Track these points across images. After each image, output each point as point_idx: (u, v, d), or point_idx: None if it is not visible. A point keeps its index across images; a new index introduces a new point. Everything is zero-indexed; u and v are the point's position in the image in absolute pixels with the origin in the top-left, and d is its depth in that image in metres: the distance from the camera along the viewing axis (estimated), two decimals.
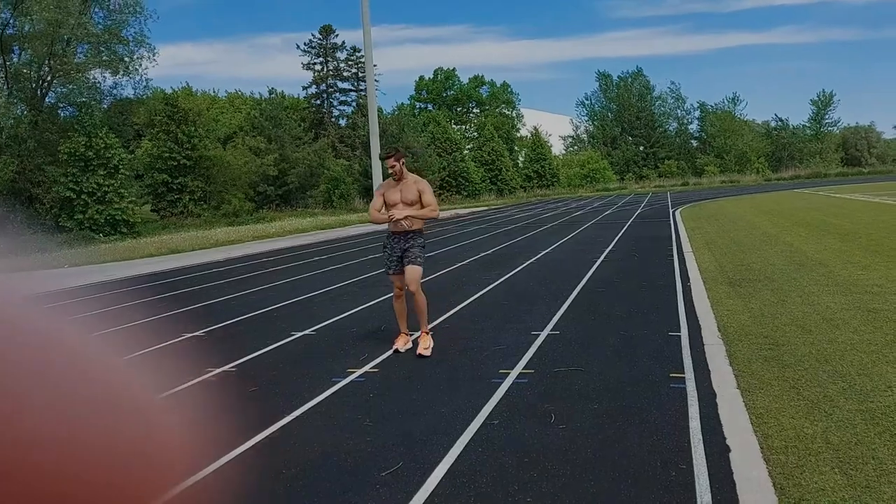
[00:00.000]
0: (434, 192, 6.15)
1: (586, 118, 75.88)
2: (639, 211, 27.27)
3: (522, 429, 3.93)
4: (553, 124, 73.65)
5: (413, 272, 5.77)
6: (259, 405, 4.64)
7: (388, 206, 5.82)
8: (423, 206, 5.88)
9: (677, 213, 24.34)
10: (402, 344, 5.98)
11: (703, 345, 5.57)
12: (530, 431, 3.88)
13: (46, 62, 28.04)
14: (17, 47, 28.87)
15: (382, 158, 5.80)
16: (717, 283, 8.48)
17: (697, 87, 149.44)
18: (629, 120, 71.66)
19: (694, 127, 74.07)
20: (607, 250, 13.25)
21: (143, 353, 6.49)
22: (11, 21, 28.49)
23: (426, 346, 5.77)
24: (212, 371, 5.61)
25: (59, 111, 30.42)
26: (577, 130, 76.14)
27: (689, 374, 4.78)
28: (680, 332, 6.09)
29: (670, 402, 4.23)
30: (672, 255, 11.75)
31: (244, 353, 6.17)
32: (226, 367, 5.71)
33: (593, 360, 5.35)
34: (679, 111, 73.84)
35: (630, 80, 73.84)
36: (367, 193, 41.58)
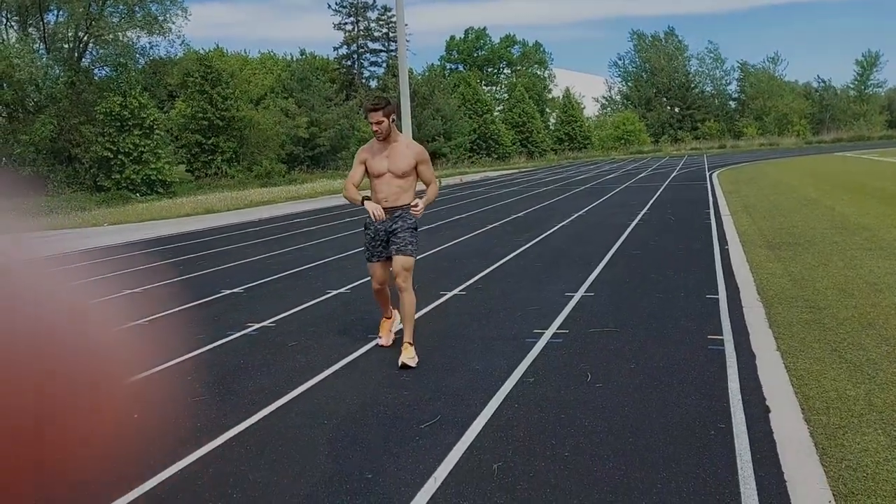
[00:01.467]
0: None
1: (620, 79, 74.37)
2: (674, 174, 26.82)
3: (558, 387, 3.95)
4: (586, 85, 72.30)
5: (403, 262, 4.52)
6: (298, 358, 4.73)
7: (371, 177, 4.60)
8: (421, 182, 4.70)
9: (714, 176, 23.89)
10: (385, 333, 4.99)
11: (741, 307, 5.51)
12: (566, 389, 3.90)
13: (83, 22, 28.24)
14: (54, 8, 29.10)
15: (367, 111, 4.49)
16: (756, 247, 8.35)
17: (735, 47, 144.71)
18: (663, 81, 70.04)
19: (732, 88, 72.20)
20: (642, 213, 13.09)
21: (186, 308, 6.64)
22: None
23: (411, 355, 4.48)
24: (252, 326, 5.71)
25: (96, 72, 30.72)
26: (610, 91, 74.71)
27: (728, 336, 4.74)
28: (718, 294, 6.02)
29: (709, 364, 4.20)
30: (709, 219, 11.57)
31: (282, 309, 6.27)
32: (265, 322, 5.81)
33: (629, 321, 5.32)
34: (718, 72, 71.91)
35: (662, 39, 71.93)
36: None
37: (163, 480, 3.02)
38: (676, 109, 70.03)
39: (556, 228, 11.41)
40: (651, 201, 15.62)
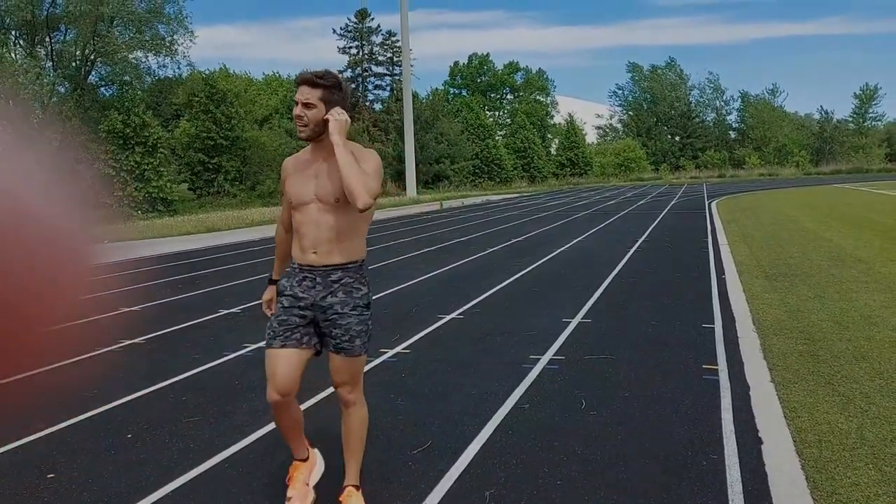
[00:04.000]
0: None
1: (620, 107, 74.98)
2: (673, 202, 26.94)
3: (553, 413, 3.95)
4: (587, 112, 72.93)
5: (350, 365, 2.79)
6: None
7: (292, 210, 2.79)
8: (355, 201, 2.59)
9: (713, 205, 24.00)
10: (299, 487, 2.94)
11: (737, 337, 5.53)
12: (561, 416, 3.90)
13: (91, 42, 28.54)
14: (62, 26, 29.44)
15: (296, 83, 2.72)
16: (753, 277, 8.37)
17: (735, 77, 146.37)
18: (664, 110, 70.59)
19: (733, 118, 72.75)
20: (640, 240, 13.14)
21: (184, 327, 6.65)
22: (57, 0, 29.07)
23: None
24: (248, 346, 5.72)
25: (102, 90, 30.99)
26: (611, 119, 75.31)
27: (723, 366, 4.75)
28: (714, 324, 6.04)
29: (702, 393, 4.21)
30: (707, 248, 11.61)
31: None
32: (261, 344, 5.82)
33: (625, 349, 5.34)
34: (718, 102, 72.52)
35: (662, 70, 72.64)
36: (401, 178, 41.72)
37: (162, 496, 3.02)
38: (677, 138, 70.54)
39: (555, 253, 11.44)
40: (650, 229, 15.68)
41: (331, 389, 3.85)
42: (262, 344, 5.78)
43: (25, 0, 27.14)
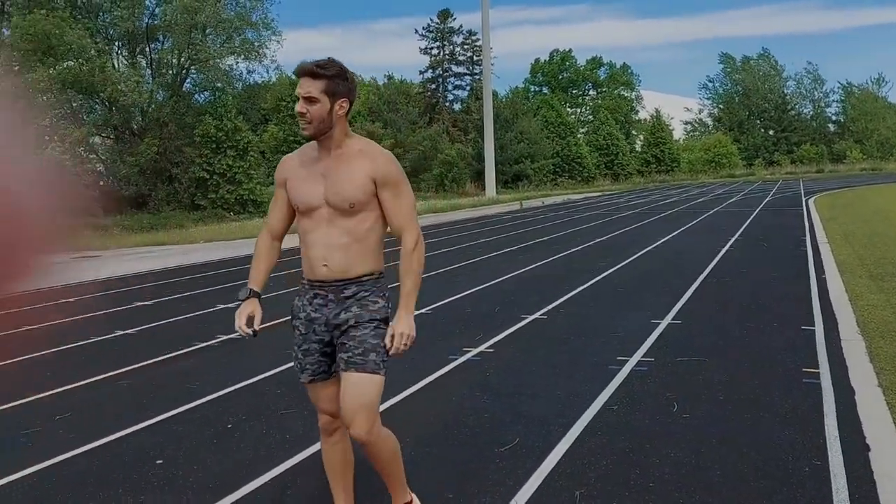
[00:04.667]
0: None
1: (710, 101, 72.40)
2: (768, 198, 25.82)
3: (643, 416, 3.87)
4: (674, 107, 70.84)
5: (359, 391, 2.36)
6: None
7: (297, 216, 2.48)
8: (389, 224, 2.46)
9: (811, 201, 22.85)
10: None
11: (839, 340, 5.25)
12: (652, 419, 3.81)
13: (186, 50, 29.94)
14: (161, 36, 31.01)
15: (296, 75, 2.36)
16: (857, 277, 7.93)
17: (834, 68, 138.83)
18: (757, 103, 67.68)
19: (832, 110, 68.99)
20: (733, 239, 12.67)
21: (275, 323, 6.88)
22: (156, 10, 30.66)
23: None
24: None
25: (196, 96, 32.46)
26: (700, 113, 72.84)
27: (825, 370, 4.53)
28: (814, 326, 5.75)
29: (803, 397, 4.02)
30: (805, 246, 11.08)
31: None
32: None
33: (718, 351, 5.16)
34: (816, 93, 68.93)
35: (756, 61, 69.62)
36: (480, 178, 41.76)
37: (255, 488, 3.15)
38: (771, 132, 67.50)
39: (641, 253, 11.18)
40: (743, 227, 15.09)
41: (406, 396, 3.87)
42: None
43: (128, 12, 28.74)
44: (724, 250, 11.05)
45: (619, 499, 2.89)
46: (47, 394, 4.75)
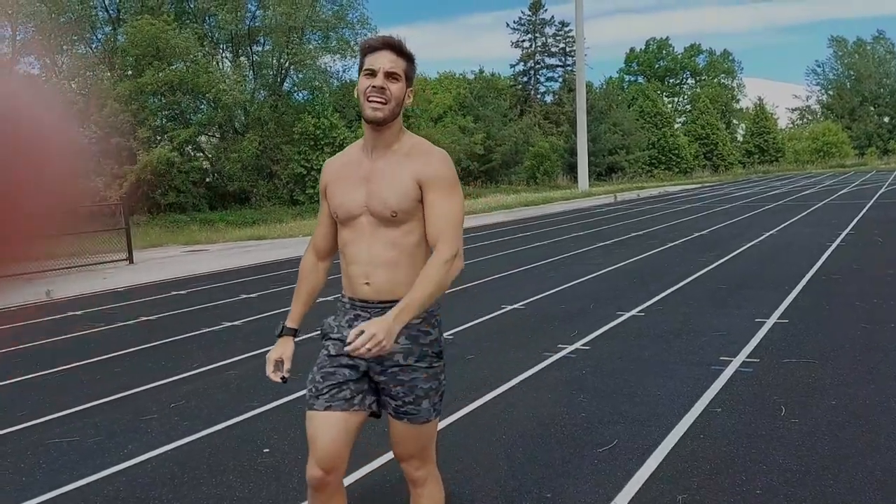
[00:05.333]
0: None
1: (819, 87, 68.38)
2: (882, 190, 24.16)
3: (749, 420, 3.72)
4: (779, 94, 67.37)
5: (416, 435, 2.14)
6: (476, 371, 4.85)
7: (339, 226, 2.17)
8: (427, 231, 2.05)
9: None
10: None
11: None
12: (757, 423, 3.66)
13: (285, 50, 31.04)
14: (261, 38, 32.28)
15: (367, 50, 2.02)
16: None
17: None
18: (871, 88, 63.33)
19: None
20: (843, 234, 11.94)
21: None
22: (257, 13, 31.94)
23: None
24: None
25: (295, 95, 33.57)
26: (808, 100, 68.94)
27: None
28: None
29: None
30: None
31: (459, 322, 6.46)
32: (445, 335, 6.00)
33: (830, 353, 4.89)
34: None
35: (870, 44, 65.10)
36: (572, 170, 41.15)
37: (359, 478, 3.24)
38: (886, 119, 63.06)
39: (744, 248, 10.72)
40: (854, 221, 14.19)
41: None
42: (447, 335, 5.98)
43: (232, 15, 30.07)
44: (834, 245, 10.43)
45: None
46: (162, 382, 5.05)
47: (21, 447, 3.87)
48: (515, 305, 7.19)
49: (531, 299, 7.45)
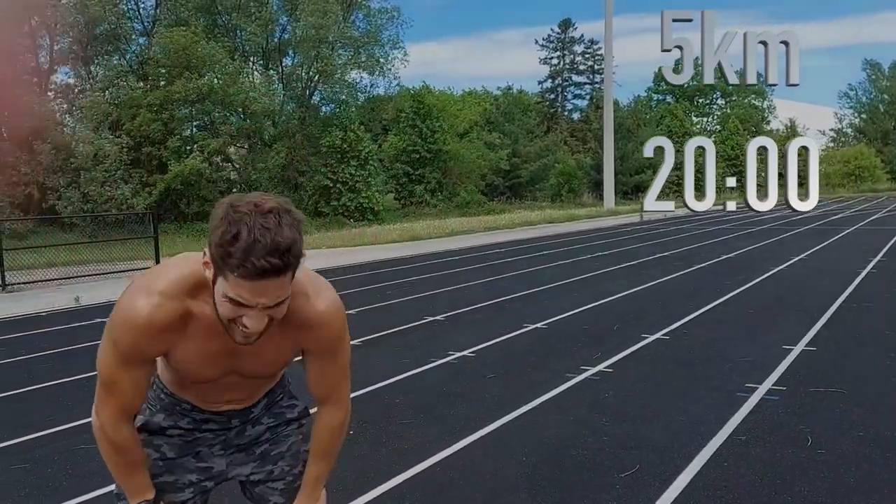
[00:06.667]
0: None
1: (851, 110, 67.43)
2: None
3: (774, 449, 3.66)
4: (810, 117, 66.51)
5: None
6: (497, 391, 4.83)
7: (181, 376, 1.68)
8: (310, 388, 1.72)
9: None
10: None
11: None
12: (783, 452, 3.60)
13: (314, 64, 31.41)
14: (291, 51, 32.73)
15: (246, 276, 1.32)
16: None
17: None
18: None
19: None
20: (875, 260, 11.74)
21: (391, 333, 7.06)
22: (287, 27, 32.40)
23: None
24: (453, 354, 5.94)
25: (322, 108, 33.94)
26: (840, 123, 68.01)
27: None
28: None
29: None
30: None
31: (481, 339, 6.44)
32: (465, 352, 6.01)
33: (859, 383, 4.80)
34: None
35: None
36: (598, 188, 40.99)
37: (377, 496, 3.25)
38: None
39: (772, 272, 10.58)
40: (887, 247, 13.94)
41: (522, 412, 3.79)
42: (468, 353, 5.98)
43: (262, 28, 30.56)
44: (865, 271, 10.26)
45: None
46: None
47: (49, 453, 3.93)
48: (538, 325, 7.16)
49: (554, 319, 7.42)
